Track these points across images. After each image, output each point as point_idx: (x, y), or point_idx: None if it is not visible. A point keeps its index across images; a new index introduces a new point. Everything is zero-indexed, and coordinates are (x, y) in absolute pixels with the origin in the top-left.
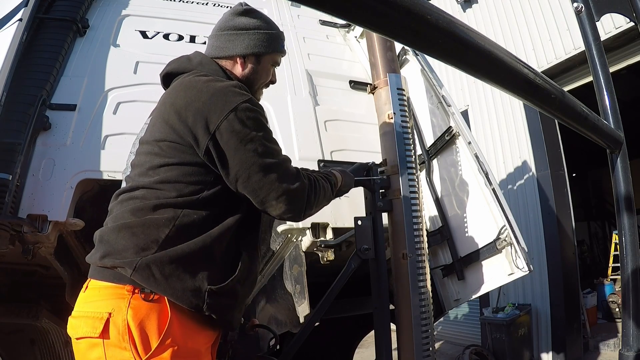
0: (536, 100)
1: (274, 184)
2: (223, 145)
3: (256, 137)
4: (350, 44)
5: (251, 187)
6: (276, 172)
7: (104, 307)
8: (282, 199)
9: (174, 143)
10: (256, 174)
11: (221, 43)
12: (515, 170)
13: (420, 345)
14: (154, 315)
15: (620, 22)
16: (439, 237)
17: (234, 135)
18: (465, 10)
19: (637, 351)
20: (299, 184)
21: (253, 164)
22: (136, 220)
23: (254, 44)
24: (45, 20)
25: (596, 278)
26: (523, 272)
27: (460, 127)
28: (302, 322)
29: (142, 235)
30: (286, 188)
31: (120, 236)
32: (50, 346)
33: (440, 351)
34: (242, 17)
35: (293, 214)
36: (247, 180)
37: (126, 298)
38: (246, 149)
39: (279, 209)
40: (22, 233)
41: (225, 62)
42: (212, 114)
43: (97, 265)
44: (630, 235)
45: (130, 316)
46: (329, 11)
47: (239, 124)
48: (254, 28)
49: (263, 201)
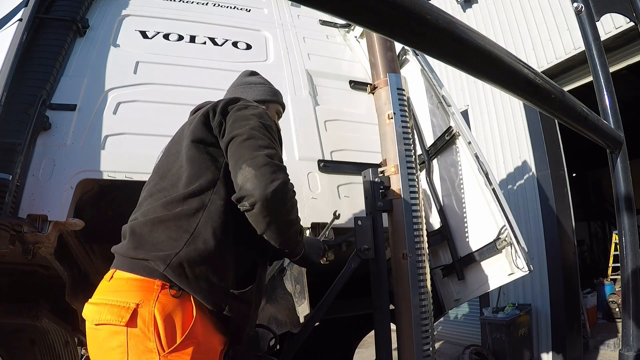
0: (536, 100)
1: (252, 148)
2: (227, 120)
3: (255, 119)
4: (350, 44)
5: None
6: (260, 142)
7: (132, 297)
8: (254, 161)
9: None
10: (240, 137)
11: (236, 94)
12: (515, 170)
13: (420, 345)
14: (180, 312)
15: (620, 22)
16: (439, 237)
17: (235, 114)
18: (465, 10)
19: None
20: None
21: (242, 130)
22: (168, 214)
23: (262, 93)
24: (45, 20)
25: (596, 278)
26: (523, 272)
27: (460, 127)
28: (302, 322)
29: (174, 227)
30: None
31: (154, 230)
32: (50, 346)
33: (440, 351)
34: (251, 76)
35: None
36: (231, 143)
37: (155, 292)
38: (242, 122)
39: (245, 174)
40: (22, 233)
41: None
42: (229, 104)
43: (128, 256)
44: (630, 235)
45: (158, 310)
46: (329, 11)
47: (245, 109)
48: (260, 83)
49: (235, 165)
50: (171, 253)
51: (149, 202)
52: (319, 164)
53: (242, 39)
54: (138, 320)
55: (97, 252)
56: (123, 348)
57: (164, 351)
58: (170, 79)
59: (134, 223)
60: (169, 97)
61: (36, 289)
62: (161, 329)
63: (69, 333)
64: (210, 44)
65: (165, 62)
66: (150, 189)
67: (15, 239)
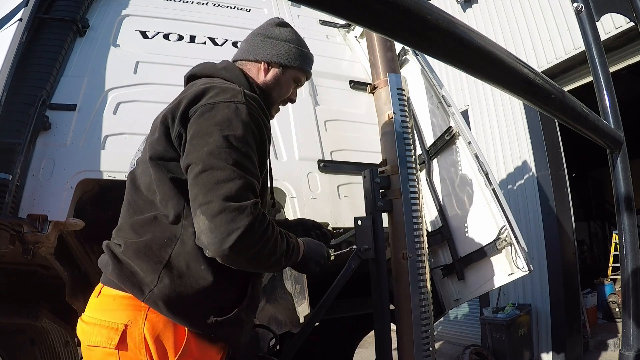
0: (536, 100)
1: (206, 186)
2: (187, 133)
3: (217, 134)
4: (350, 44)
5: (188, 183)
6: (216, 175)
7: (119, 317)
8: (207, 208)
9: (156, 136)
10: (195, 167)
11: (251, 46)
12: (515, 170)
13: (420, 345)
14: (171, 330)
15: (620, 22)
16: (439, 237)
17: (195, 124)
18: (465, 10)
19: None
20: (243, 205)
21: (196, 157)
22: (138, 242)
23: (281, 54)
24: (45, 20)
25: (596, 278)
26: (523, 272)
27: (460, 127)
28: (302, 322)
29: (145, 259)
30: (217, 197)
31: (128, 259)
32: (50, 346)
33: (440, 351)
34: (277, 27)
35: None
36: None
37: (143, 310)
38: (200, 140)
39: (200, 223)
40: (22, 233)
41: (251, 66)
42: (195, 102)
43: (112, 278)
44: (630, 235)
45: (147, 330)
46: (329, 11)
47: (208, 115)
48: (285, 40)
49: (192, 203)
50: (145, 290)
51: (123, 218)
52: (319, 164)
53: (242, 39)
54: (128, 342)
55: (97, 252)
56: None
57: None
58: (171, 79)
59: (111, 244)
60: (169, 97)
61: (36, 289)
62: (153, 350)
63: (69, 333)
64: (210, 44)
65: (165, 62)
66: (125, 200)
67: (15, 239)
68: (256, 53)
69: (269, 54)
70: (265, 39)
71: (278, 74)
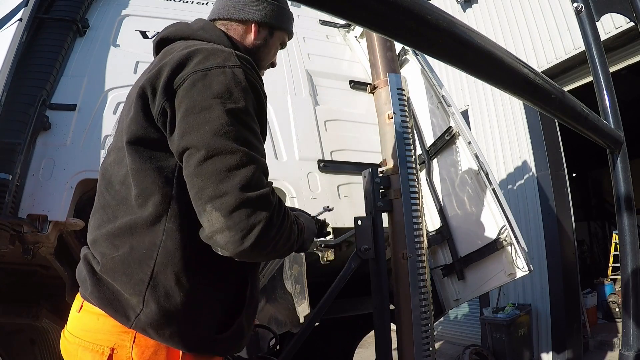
0: (536, 100)
1: (216, 176)
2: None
3: (218, 107)
4: (350, 44)
5: (187, 171)
6: (227, 160)
7: (104, 340)
8: (221, 203)
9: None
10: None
11: (237, 4)
12: (515, 170)
13: (420, 345)
14: (163, 353)
15: (620, 22)
16: (439, 237)
17: (188, 97)
18: (465, 10)
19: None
20: (262, 193)
21: (199, 138)
22: (115, 257)
23: (272, 14)
24: (45, 20)
25: (596, 278)
26: (523, 272)
27: (460, 127)
28: (302, 322)
29: (125, 279)
30: (233, 188)
31: (105, 279)
32: (50, 346)
33: (440, 351)
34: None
35: (232, 236)
36: (187, 159)
37: (130, 333)
38: (198, 117)
39: (213, 221)
40: (22, 233)
41: (236, 27)
42: (181, 70)
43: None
44: (630, 235)
45: (136, 355)
46: (329, 11)
47: (203, 85)
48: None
49: (195, 198)
50: (131, 315)
51: (97, 228)
52: (319, 164)
53: None
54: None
55: None
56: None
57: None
58: None
59: (88, 256)
60: None
61: (36, 289)
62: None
63: None
64: None
65: None
66: (96, 203)
67: (15, 239)
68: (244, 12)
69: (260, 13)
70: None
71: (267, 36)
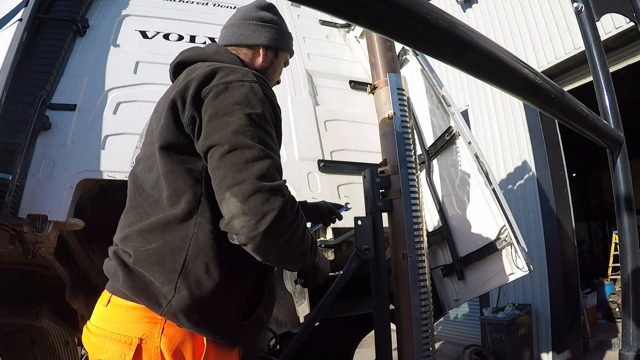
0: (536, 100)
1: (235, 166)
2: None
3: (239, 112)
4: (350, 44)
5: (211, 165)
6: (246, 154)
7: (133, 331)
8: (239, 189)
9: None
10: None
11: (245, 31)
12: (515, 170)
13: (420, 345)
14: (189, 343)
15: (620, 22)
16: (439, 237)
17: (212, 105)
18: (465, 10)
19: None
20: (277, 185)
21: (222, 137)
22: (149, 249)
23: (276, 38)
24: (45, 20)
25: (596, 278)
26: (523, 272)
27: (460, 127)
28: (302, 322)
29: (158, 268)
30: (250, 176)
31: (139, 269)
32: (50, 346)
33: (440, 351)
34: (267, 11)
35: (248, 220)
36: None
37: (159, 323)
38: (221, 120)
39: (230, 206)
40: (22, 233)
41: (246, 52)
42: (206, 84)
43: (122, 289)
44: (630, 235)
45: (164, 344)
46: (329, 11)
47: (225, 95)
48: (276, 23)
49: (217, 188)
50: (162, 302)
51: (129, 226)
52: (319, 164)
53: None
54: (143, 357)
55: (97, 252)
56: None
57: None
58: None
59: (118, 251)
60: None
61: (36, 289)
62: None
63: (69, 333)
64: None
65: (165, 62)
66: (128, 204)
67: (15, 239)
68: (252, 37)
69: (266, 38)
70: (258, 23)
71: (273, 57)
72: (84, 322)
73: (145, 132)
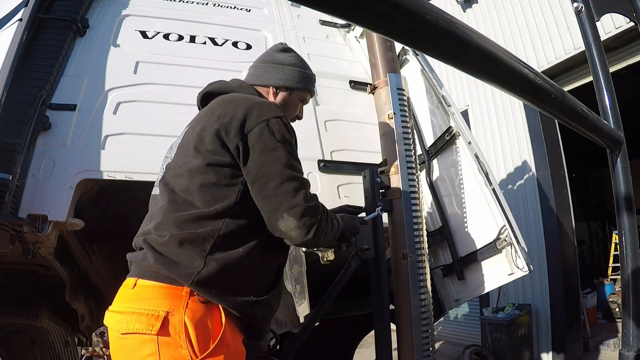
0: (536, 100)
1: (290, 194)
2: (251, 147)
3: (282, 148)
4: (350, 44)
5: (266, 192)
6: (294, 184)
7: (160, 305)
8: (294, 212)
9: (210, 146)
10: (274, 180)
11: (259, 72)
12: (515, 170)
13: (420, 345)
14: (210, 319)
15: (620, 22)
16: (439, 237)
17: (261, 140)
18: (465, 10)
19: (637, 351)
20: (315, 203)
21: (273, 170)
22: (182, 234)
23: (287, 78)
24: (45, 20)
25: (596, 278)
26: (523, 272)
27: (460, 127)
28: (302, 322)
29: (190, 248)
30: (300, 201)
31: (171, 249)
32: (50, 346)
33: (440, 351)
34: (281, 53)
35: (302, 231)
36: (264, 184)
37: (184, 299)
38: (270, 155)
39: (288, 223)
40: (22, 233)
41: (261, 89)
42: (247, 119)
43: (151, 269)
44: (630, 235)
45: (188, 317)
46: (329, 11)
47: (269, 132)
48: (289, 64)
49: (274, 210)
50: (193, 271)
51: (160, 216)
52: (319, 164)
53: (242, 39)
54: (169, 328)
55: (97, 252)
56: (155, 356)
57: (196, 357)
58: (170, 79)
59: (150, 238)
60: (169, 97)
61: (36, 289)
62: (193, 336)
63: (69, 333)
64: (210, 44)
65: (165, 62)
66: (162, 202)
67: (15, 239)
68: (264, 79)
69: (277, 78)
70: (272, 65)
71: (286, 96)
72: (84, 322)
73: (179, 145)
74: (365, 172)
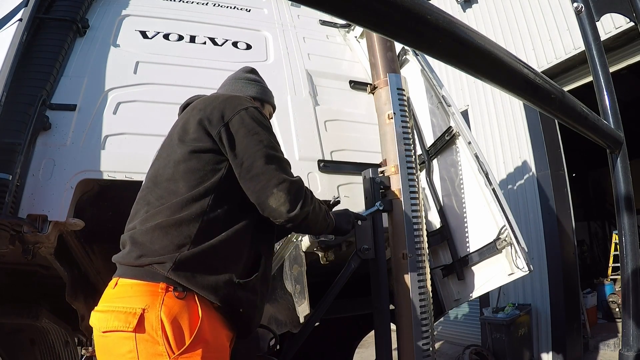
0: (536, 100)
1: (276, 172)
2: (234, 133)
3: (263, 132)
4: (350, 44)
5: (254, 172)
6: (278, 163)
7: (137, 303)
8: (283, 186)
9: (194, 134)
10: (260, 160)
11: (235, 87)
12: (515, 170)
13: (420, 345)
14: (186, 313)
15: (620, 22)
16: (439, 237)
17: (243, 126)
18: (465, 10)
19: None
20: (298, 178)
21: (258, 151)
22: (168, 220)
23: (260, 92)
24: (45, 20)
25: (596, 278)
26: (523, 272)
27: (460, 127)
28: (302, 322)
29: (175, 233)
30: (287, 177)
31: (155, 236)
32: (50, 346)
33: (440, 351)
34: (250, 73)
35: (291, 205)
36: (251, 165)
37: (160, 295)
38: (254, 138)
39: (279, 198)
40: (22, 233)
41: None
42: (227, 109)
43: (131, 265)
44: (630, 235)
45: (164, 313)
46: (329, 11)
47: (250, 118)
48: (260, 82)
49: (264, 187)
50: (174, 256)
51: (146, 210)
52: (319, 164)
53: (242, 39)
54: (146, 325)
55: (97, 252)
56: (133, 354)
57: (173, 354)
58: (170, 79)
59: (134, 232)
60: (169, 97)
61: (36, 289)
62: (169, 332)
63: (69, 333)
64: (210, 44)
65: (165, 62)
66: (146, 197)
67: (15, 239)
68: (242, 91)
69: (253, 91)
70: (246, 81)
71: (260, 107)
72: (84, 322)
73: (162, 144)
74: (365, 172)
